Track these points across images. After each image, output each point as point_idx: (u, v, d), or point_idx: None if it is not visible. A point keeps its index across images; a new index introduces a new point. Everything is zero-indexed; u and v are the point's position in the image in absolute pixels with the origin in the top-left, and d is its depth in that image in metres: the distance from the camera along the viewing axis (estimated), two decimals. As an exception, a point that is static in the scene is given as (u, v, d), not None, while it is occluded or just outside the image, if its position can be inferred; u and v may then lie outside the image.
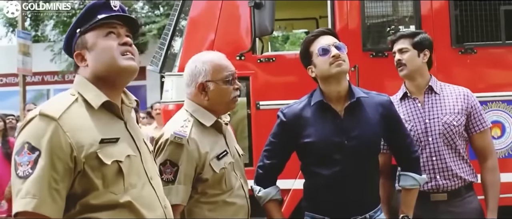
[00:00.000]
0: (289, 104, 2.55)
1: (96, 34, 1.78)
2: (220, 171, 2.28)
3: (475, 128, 2.80)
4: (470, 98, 2.80)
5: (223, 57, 2.46)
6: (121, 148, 1.73)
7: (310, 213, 2.50)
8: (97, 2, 1.80)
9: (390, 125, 2.50)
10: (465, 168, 2.76)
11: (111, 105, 1.76)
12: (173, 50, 4.75)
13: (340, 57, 2.37)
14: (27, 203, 1.54)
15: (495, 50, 4.14)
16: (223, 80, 2.37)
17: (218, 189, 2.29)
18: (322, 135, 2.40)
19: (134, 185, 1.73)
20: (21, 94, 13.52)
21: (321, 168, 2.42)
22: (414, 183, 2.57)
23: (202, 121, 2.35)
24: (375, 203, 2.49)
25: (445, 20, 4.07)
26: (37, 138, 1.59)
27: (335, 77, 2.39)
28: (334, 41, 2.42)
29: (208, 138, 2.33)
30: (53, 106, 1.67)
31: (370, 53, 4.10)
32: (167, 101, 4.21)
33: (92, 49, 1.77)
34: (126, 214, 1.68)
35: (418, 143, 2.75)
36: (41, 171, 1.56)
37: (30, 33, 14.86)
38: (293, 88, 3.89)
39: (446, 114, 2.75)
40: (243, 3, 4.09)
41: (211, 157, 2.28)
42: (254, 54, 4.15)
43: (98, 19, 1.78)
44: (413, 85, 2.85)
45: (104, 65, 1.75)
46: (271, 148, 2.54)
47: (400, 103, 2.86)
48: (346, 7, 4.16)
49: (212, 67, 2.37)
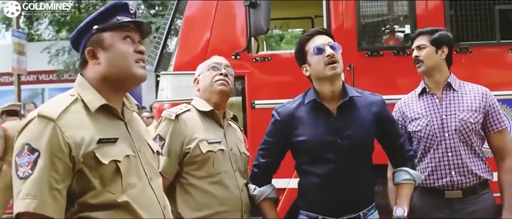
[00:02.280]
0: (283, 104, 2.56)
1: (114, 35, 1.79)
2: (207, 153, 2.41)
3: (493, 126, 2.80)
4: (488, 97, 2.81)
5: (217, 57, 2.70)
6: (120, 148, 1.74)
7: (304, 211, 2.50)
8: (118, 3, 1.82)
9: (383, 125, 2.50)
10: (481, 165, 2.76)
11: (110, 108, 1.78)
12: (169, 50, 4.74)
13: (335, 57, 2.38)
14: (28, 204, 1.55)
15: (490, 50, 4.16)
16: (207, 69, 2.62)
17: (206, 171, 2.42)
18: (315, 133, 2.41)
19: (134, 185, 1.74)
20: (16, 93, 13.47)
21: (315, 167, 2.43)
22: (408, 177, 2.56)
23: (198, 106, 2.56)
24: (368, 202, 2.49)
25: (440, 20, 4.08)
26: (36, 139, 1.60)
27: (329, 79, 2.41)
28: (329, 41, 2.43)
29: (203, 124, 2.51)
30: (51, 107, 1.68)
31: (365, 53, 4.11)
32: (163, 101, 4.21)
33: (108, 50, 1.78)
34: (123, 214, 1.69)
35: (433, 138, 2.76)
36: (40, 172, 1.57)
37: (25, 32, 14.80)
38: (288, 87, 3.89)
39: (463, 111, 2.75)
40: (238, 3, 4.09)
41: (200, 138, 2.43)
42: (249, 54, 4.15)
43: (120, 21, 1.80)
44: (432, 81, 2.86)
45: (118, 69, 1.78)
46: (266, 147, 2.56)
47: (419, 99, 2.88)
48: (342, 7, 4.16)
49: (204, 64, 2.68)
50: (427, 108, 2.82)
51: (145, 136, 1.96)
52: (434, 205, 2.74)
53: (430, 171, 2.76)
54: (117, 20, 1.80)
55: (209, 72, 2.60)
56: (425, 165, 2.79)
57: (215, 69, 2.60)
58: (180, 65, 4.12)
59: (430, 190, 2.77)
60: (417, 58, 2.85)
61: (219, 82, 2.56)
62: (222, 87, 2.56)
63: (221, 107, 2.60)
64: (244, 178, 2.58)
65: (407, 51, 4.06)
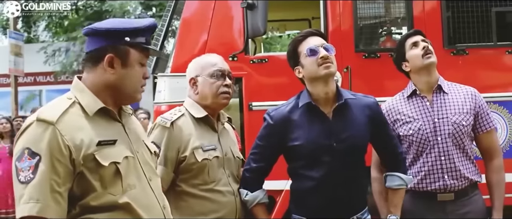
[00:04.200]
0: (276, 107, 2.52)
1: (137, 55, 1.82)
2: (202, 161, 2.36)
3: (482, 127, 2.79)
4: (477, 98, 2.79)
5: (215, 56, 2.60)
6: (119, 149, 1.75)
7: (297, 215, 2.49)
8: (153, 24, 1.86)
9: (377, 127, 2.50)
10: (472, 168, 2.76)
11: (107, 110, 1.79)
12: (166, 51, 4.75)
13: (329, 59, 2.36)
14: (31, 207, 1.56)
15: (487, 52, 4.17)
16: (210, 75, 2.49)
17: (201, 179, 2.37)
18: (310, 137, 2.38)
19: (133, 185, 1.75)
20: (13, 95, 13.45)
21: (309, 171, 2.40)
22: (401, 183, 2.57)
23: (192, 112, 2.48)
24: (362, 205, 2.49)
25: (437, 22, 4.09)
26: (36, 142, 1.61)
27: (323, 79, 2.38)
28: (323, 42, 2.41)
29: (197, 130, 2.44)
30: (50, 111, 1.69)
31: (363, 54, 4.11)
32: (160, 102, 4.20)
33: (127, 67, 1.80)
34: (124, 215, 1.70)
35: (426, 143, 2.73)
36: (42, 175, 1.58)
37: (22, 34, 14.80)
38: (286, 89, 3.87)
39: (455, 114, 2.73)
40: (235, 4, 4.09)
41: (195, 145, 2.38)
42: (246, 55, 4.15)
43: (150, 47, 1.87)
44: (423, 82, 2.80)
45: (126, 88, 1.82)
46: (258, 151, 2.51)
47: (408, 101, 2.83)
48: (339, 8, 4.16)
49: (202, 63, 2.55)
50: (418, 111, 2.78)
51: (143, 137, 1.97)
52: (427, 208, 2.73)
53: (423, 175, 2.74)
54: (144, 41, 1.83)
55: (213, 80, 2.49)
56: (417, 169, 2.77)
57: (220, 78, 2.50)
58: (177, 66, 4.11)
59: (422, 193, 2.76)
60: (429, 48, 2.76)
61: (224, 96, 2.50)
62: (225, 101, 2.51)
63: (215, 112, 2.55)
64: (238, 182, 2.53)
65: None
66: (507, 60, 4.20)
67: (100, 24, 1.81)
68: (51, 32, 16.97)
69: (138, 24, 1.82)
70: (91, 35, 1.81)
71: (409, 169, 2.78)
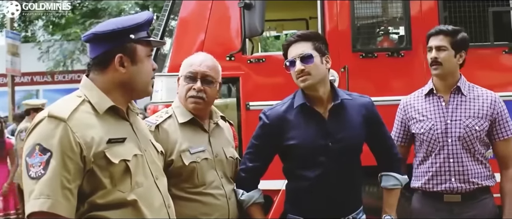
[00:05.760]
0: (271, 106, 2.52)
1: (143, 50, 1.86)
2: (190, 165, 2.30)
3: (499, 134, 2.74)
4: (497, 104, 2.73)
5: (199, 56, 2.50)
6: (128, 147, 1.78)
7: (292, 215, 2.48)
8: (151, 16, 1.88)
9: (373, 127, 2.50)
10: (483, 172, 2.71)
11: (117, 109, 1.81)
12: (163, 51, 4.74)
13: (304, 72, 2.34)
14: (42, 203, 1.57)
15: (484, 51, 4.17)
16: (184, 76, 2.44)
17: (190, 182, 2.32)
18: (306, 137, 2.38)
19: (141, 183, 1.78)
20: (10, 95, 13.43)
21: (305, 170, 2.40)
22: (396, 182, 2.57)
23: (178, 116, 2.42)
24: (357, 205, 2.49)
25: (434, 21, 4.08)
26: (48, 139, 1.63)
27: (305, 89, 2.39)
28: (301, 52, 2.36)
29: (184, 132, 2.37)
30: (61, 108, 1.71)
31: (360, 54, 4.11)
32: (157, 102, 4.20)
33: (137, 64, 1.84)
34: (131, 213, 1.72)
35: (436, 143, 2.71)
36: (53, 171, 1.60)
37: (19, 34, 14.77)
38: (283, 89, 3.86)
39: (469, 117, 2.68)
40: (233, 4, 4.09)
41: (182, 149, 2.32)
42: (244, 55, 4.15)
43: (153, 39, 1.90)
44: (442, 83, 2.76)
45: (139, 84, 1.86)
46: (253, 151, 2.50)
47: (425, 99, 2.80)
48: (336, 8, 4.16)
49: (185, 63, 2.49)
50: (433, 111, 2.75)
51: (149, 136, 2.01)
52: (434, 209, 2.72)
53: (431, 175, 2.73)
54: (147, 35, 1.86)
55: (185, 82, 2.42)
56: (425, 169, 2.76)
57: (190, 80, 2.41)
58: (174, 66, 4.09)
59: (430, 194, 2.76)
60: (436, 60, 2.70)
61: (191, 100, 2.39)
62: (194, 105, 2.39)
63: (203, 113, 2.47)
64: (232, 183, 2.48)
65: (401, 53, 4.08)
66: (504, 60, 4.21)
67: (101, 28, 1.81)
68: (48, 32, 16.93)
69: (139, 19, 1.84)
70: (94, 40, 1.82)
71: (418, 168, 2.79)
